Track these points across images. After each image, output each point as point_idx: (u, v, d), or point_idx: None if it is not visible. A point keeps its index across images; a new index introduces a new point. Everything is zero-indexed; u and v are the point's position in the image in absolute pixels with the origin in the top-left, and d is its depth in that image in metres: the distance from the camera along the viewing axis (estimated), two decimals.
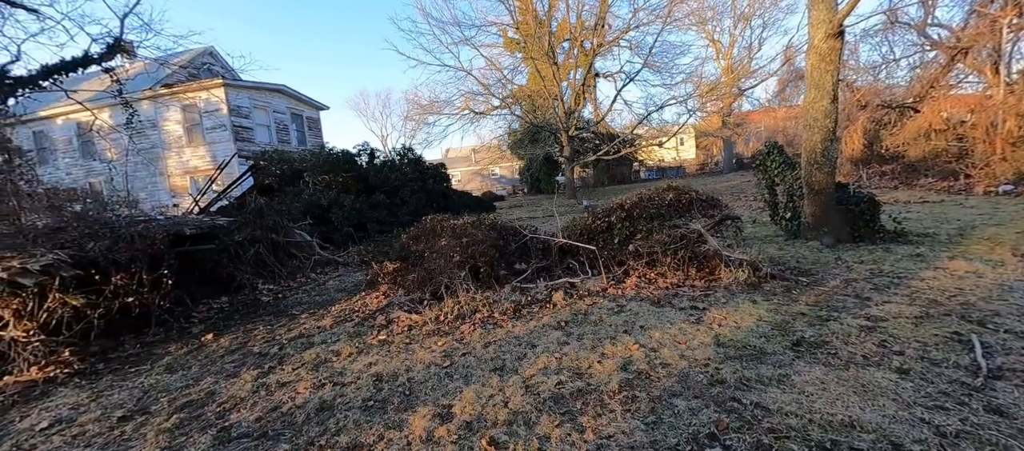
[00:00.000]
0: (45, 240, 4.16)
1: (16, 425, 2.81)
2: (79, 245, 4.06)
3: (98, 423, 2.71)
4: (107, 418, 2.75)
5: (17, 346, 3.51)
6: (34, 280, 3.34)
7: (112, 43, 7.69)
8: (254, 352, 3.74)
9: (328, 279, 6.56)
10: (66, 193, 8.14)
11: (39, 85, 6.64)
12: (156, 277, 4.22)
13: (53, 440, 2.55)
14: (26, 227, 4.26)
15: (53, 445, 2.50)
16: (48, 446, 2.49)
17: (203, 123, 15.29)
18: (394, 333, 3.78)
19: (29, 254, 3.47)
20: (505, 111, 27.29)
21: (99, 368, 3.68)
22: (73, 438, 2.56)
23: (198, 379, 3.25)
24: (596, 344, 3.13)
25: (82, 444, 2.47)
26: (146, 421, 2.67)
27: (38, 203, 4.96)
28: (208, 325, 4.63)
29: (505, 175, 48.69)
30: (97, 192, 14.74)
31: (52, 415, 2.88)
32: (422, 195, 11.72)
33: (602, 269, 4.75)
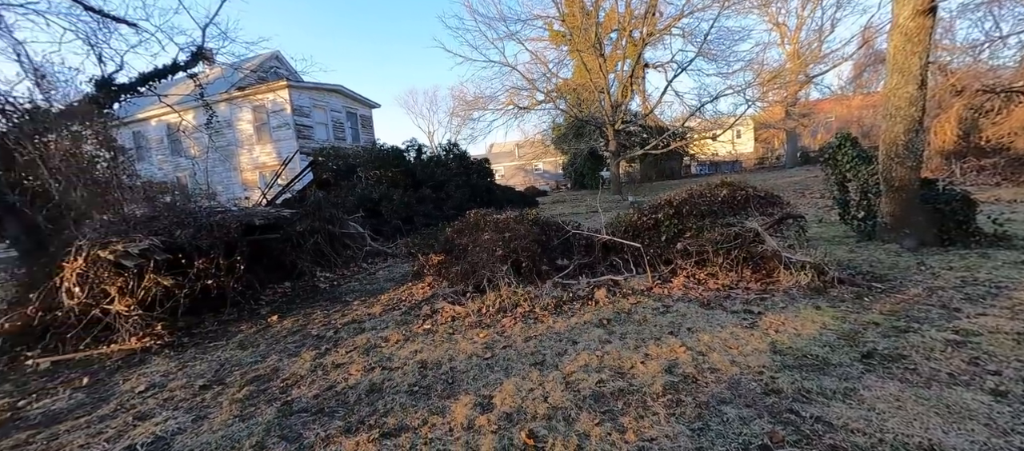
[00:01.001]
0: (142, 227, 4.74)
1: (120, 387, 3.25)
2: (169, 232, 4.59)
3: (184, 390, 3.06)
4: (191, 386, 3.11)
5: (120, 318, 4.05)
6: (134, 262, 3.84)
7: (195, 51, 8.55)
8: (312, 334, 4.04)
9: (378, 269, 6.91)
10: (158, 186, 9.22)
11: (137, 91, 7.59)
12: (231, 262, 4.68)
13: (148, 402, 2.93)
14: (127, 216, 4.87)
15: (148, 406, 2.86)
16: (144, 407, 2.85)
17: (270, 122, 16.64)
18: (438, 323, 3.91)
19: (130, 239, 3.98)
20: (549, 105, 27.06)
21: (184, 342, 4.15)
22: (164, 401, 2.91)
23: (265, 356, 3.57)
24: (639, 344, 3.05)
25: (171, 407, 2.81)
26: (222, 391, 2.98)
27: (136, 195, 5.69)
28: (273, 308, 5.06)
29: (548, 170, 48.42)
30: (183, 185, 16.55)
31: (147, 380, 3.30)
32: (466, 190, 11.97)
33: (647, 267, 4.60)
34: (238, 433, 2.38)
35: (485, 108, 25.95)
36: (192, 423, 2.57)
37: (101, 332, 4.10)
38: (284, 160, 14.38)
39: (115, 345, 4.10)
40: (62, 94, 6.41)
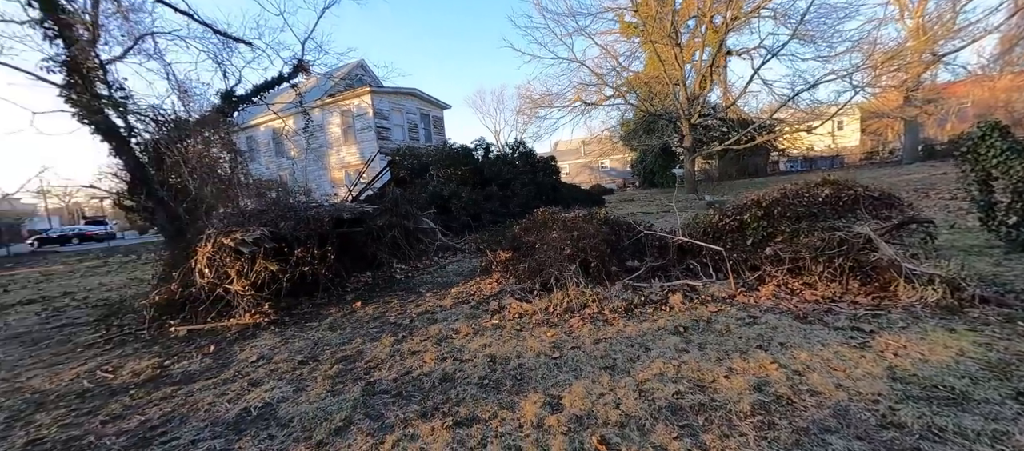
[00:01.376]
0: (254, 219, 5.46)
1: (237, 356, 3.78)
2: (275, 224, 5.23)
3: (286, 363, 3.47)
4: (291, 360, 3.51)
5: (237, 297, 4.71)
6: (249, 249, 4.44)
7: (296, 64, 9.63)
8: (391, 322, 4.34)
9: (448, 263, 7.22)
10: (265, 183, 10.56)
11: (251, 101, 8.80)
12: (323, 252, 5.20)
13: (259, 371, 3.36)
14: (243, 209, 5.63)
15: (259, 375, 3.29)
16: (256, 375, 3.28)
17: (355, 125, 18.26)
18: (506, 319, 3.97)
19: (246, 229, 4.61)
20: (618, 100, 26.11)
21: (286, 320, 4.71)
22: (270, 371, 3.33)
23: (351, 339, 3.91)
24: (722, 356, 2.81)
25: (276, 377, 3.20)
26: (316, 367, 3.32)
27: (250, 191, 6.60)
28: (357, 295, 5.54)
29: (615, 167, 46.83)
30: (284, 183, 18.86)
31: (257, 352, 3.79)
32: (532, 187, 12.02)
33: (730, 273, 4.23)
34: (330, 406, 2.64)
35: (551, 105, 25.80)
36: (293, 393, 2.90)
37: (223, 308, 4.81)
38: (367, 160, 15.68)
39: (233, 319, 4.78)
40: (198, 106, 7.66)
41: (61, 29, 5.42)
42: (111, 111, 5.75)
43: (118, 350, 4.23)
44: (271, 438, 2.35)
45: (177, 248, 5.67)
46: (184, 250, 5.59)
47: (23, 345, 4.79)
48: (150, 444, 2.42)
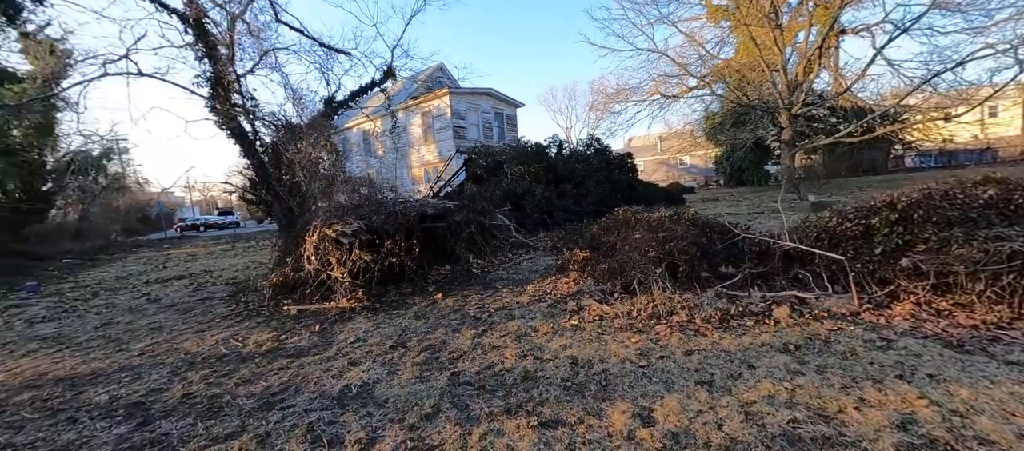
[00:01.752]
0: (350, 213, 6.00)
1: (337, 337, 4.17)
2: (368, 218, 5.69)
3: (378, 346, 3.74)
4: (383, 344, 3.78)
5: (337, 283, 5.21)
6: (348, 239, 4.88)
7: (386, 70, 10.41)
8: (470, 315, 4.47)
9: (522, 260, 7.27)
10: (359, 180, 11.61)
11: (348, 105, 9.74)
12: (409, 245, 5.54)
13: (356, 351, 3.67)
14: (341, 204, 6.21)
15: (356, 355, 3.59)
16: (354, 355, 3.59)
17: (434, 125, 19.30)
18: (586, 320, 3.86)
19: (345, 222, 5.07)
20: (703, 92, 24.17)
21: (376, 307, 5.10)
22: (366, 353, 3.61)
23: (434, 328, 4.10)
24: (849, 384, 2.40)
25: (371, 359, 3.46)
26: (405, 353, 3.53)
27: (346, 188, 7.28)
28: (437, 287, 5.81)
29: (696, 164, 43.54)
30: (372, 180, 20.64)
31: (354, 334, 4.15)
32: (607, 185, 11.62)
33: (851, 286, 3.63)
34: (419, 392, 2.78)
35: (627, 100, 24.70)
36: (386, 375, 3.11)
37: (325, 292, 5.36)
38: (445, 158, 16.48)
39: (333, 303, 5.31)
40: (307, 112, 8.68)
41: (208, 49, 6.49)
42: (242, 118, 6.78)
43: (245, 323, 4.93)
44: (369, 416, 2.54)
45: (288, 237, 6.44)
46: (294, 239, 6.35)
47: (177, 313, 5.82)
48: (273, 408, 2.75)
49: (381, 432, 2.34)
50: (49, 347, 4.63)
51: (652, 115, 25.93)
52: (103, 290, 8.44)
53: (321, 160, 8.58)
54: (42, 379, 3.64)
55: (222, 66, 6.79)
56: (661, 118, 37.13)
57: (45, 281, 10.33)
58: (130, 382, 3.40)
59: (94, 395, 3.19)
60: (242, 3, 6.70)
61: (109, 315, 6.03)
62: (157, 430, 2.59)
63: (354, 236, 4.92)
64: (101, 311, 6.35)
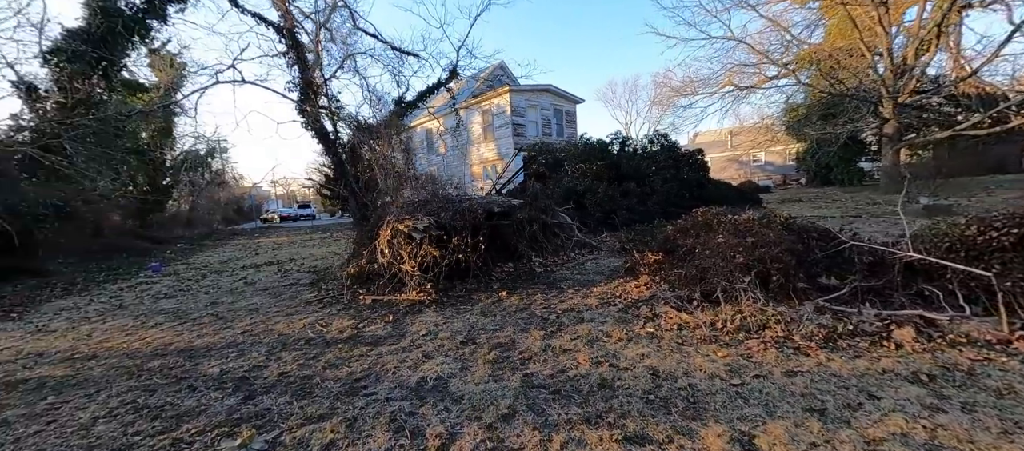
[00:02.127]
0: (419, 209, 6.22)
1: (410, 328, 4.33)
2: (436, 214, 5.85)
3: (449, 341, 3.81)
4: (454, 339, 3.85)
5: (407, 276, 5.43)
6: (420, 235, 5.05)
7: (451, 69, 10.67)
8: (537, 315, 4.41)
9: (585, 260, 7.08)
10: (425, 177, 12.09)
11: (416, 105, 10.15)
12: (475, 242, 5.61)
13: (429, 344, 3.77)
14: (411, 199, 6.46)
15: (427, 348, 3.68)
16: (427, 348, 3.68)
17: (494, 123, 19.57)
18: (662, 329, 3.62)
19: (417, 217, 5.26)
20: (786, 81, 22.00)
21: (444, 301, 5.23)
22: (437, 347, 3.69)
23: (502, 326, 4.10)
24: (1010, 429, 1.98)
25: (443, 353, 3.53)
26: (475, 350, 3.56)
27: (417, 184, 7.59)
28: (502, 284, 5.83)
29: (772, 161, 39.76)
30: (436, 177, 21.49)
31: (425, 327, 4.27)
32: (674, 184, 10.95)
33: (1000, 308, 3.02)
34: (494, 391, 2.76)
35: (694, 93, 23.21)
36: (459, 371, 3.15)
37: (396, 284, 5.60)
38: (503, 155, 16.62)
39: (404, 295, 5.54)
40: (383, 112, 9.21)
41: (298, 56, 7.11)
42: (326, 119, 7.38)
43: (327, 309, 5.31)
44: (446, 411, 2.57)
45: (363, 230, 6.84)
46: (368, 233, 6.73)
47: (269, 296, 6.43)
48: (357, 393, 2.90)
49: (459, 429, 2.35)
50: (171, 321, 5.33)
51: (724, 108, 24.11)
52: (209, 273, 9.61)
53: (395, 158, 9.06)
54: (167, 349, 4.19)
55: (310, 71, 7.39)
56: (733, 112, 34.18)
57: (165, 262, 12.03)
58: (236, 358, 3.79)
59: (208, 367, 3.60)
60: (326, 12, 7.27)
61: (215, 295, 6.83)
62: (260, 404, 2.84)
63: (425, 232, 5.08)
64: (209, 291, 7.21)
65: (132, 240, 15.49)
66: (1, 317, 6.27)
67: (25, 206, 9.97)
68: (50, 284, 8.85)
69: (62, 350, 4.43)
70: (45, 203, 10.46)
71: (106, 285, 8.72)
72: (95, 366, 3.84)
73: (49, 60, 11.89)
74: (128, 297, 7.22)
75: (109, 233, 14.96)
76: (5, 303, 7.19)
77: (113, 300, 7.02)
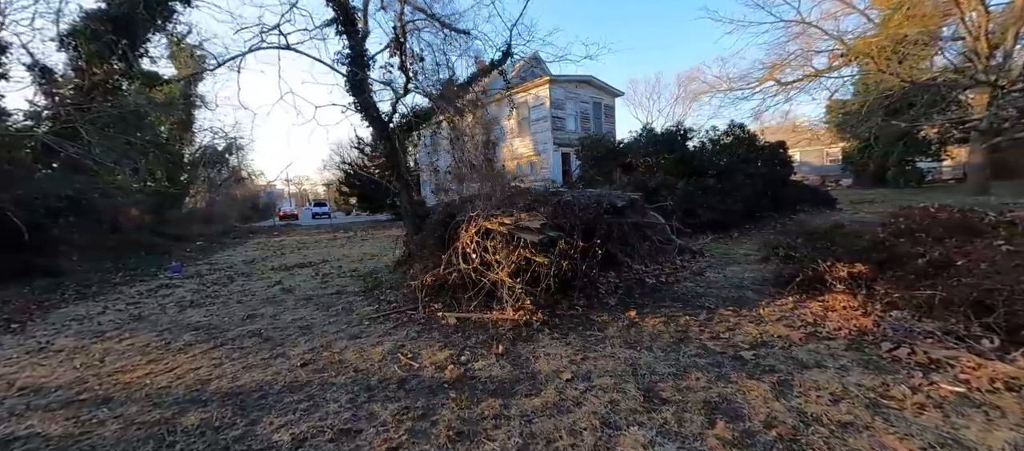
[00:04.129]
0: (503, 206, 5.01)
1: (534, 364, 3.10)
2: (532, 208, 4.63)
3: (615, 390, 2.58)
4: (622, 389, 2.60)
5: (504, 289, 4.21)
6: (537, 236, 3.82)
7: (504, 50, 9.47)
8: (713, 350, 3.15)
9: (701, 268, 5.80)
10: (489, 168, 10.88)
11: (467, 89, 9.00)
12: (587, 246, 4.38)
13: (591, 399, 2.53)
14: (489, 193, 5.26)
15: (597, 405, 2.45)
16: (593, 404, 2.45)
17: (530, 116, 18.34)
18: (972, 388, 2.34)
19: (517, 214, 4.03)
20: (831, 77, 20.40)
21: (555, 323, 4.00)
22: (609, 403, 2.45)
23: (683, 369, 2.84)
24: None
25: (623, 414, 2.30)
26: (682, 413, 2.31)
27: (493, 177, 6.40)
28: (618, 300, 4.58)
29: (808, 161, 37.80)
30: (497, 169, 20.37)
31: (556, 363, 3.03)
32: (757, 180, 9.60)
33: None
34: None
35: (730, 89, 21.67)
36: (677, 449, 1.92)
37: (483, 298, 4.39)
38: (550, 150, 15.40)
39: (496, 312, 4.32)
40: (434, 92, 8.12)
41: (347, 22, 5.99)
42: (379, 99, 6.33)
43: (402, 330, 4.11)
44: None
45: (431, 231, 5.66)
46: (435, 233, 5.54)
47: (318, 309, 5.27)
48: None
49: None
50: (203, 341, 4.19)
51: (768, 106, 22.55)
52: (236, 275, 8.53)
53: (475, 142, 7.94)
54: (206, 390, 3.03)
55: (361, 40, 6.27)
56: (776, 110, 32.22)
57: (185, 261, 11.03)
58: (307, 412, 2.60)
59: (271, 429, 2.42)
60: None
61: (251, 304, 5.70)
62: None
63: (540, 232, 3.85)
64: (242, 299, 6.09)
65: (149, 237, 14.59)
66: (2, 327, 5.22)
67: (38, 198, 9.02)
68: (62, 285, 7.84)
69: (65, 384, 3.30)
70: (60, 195, 9.52)
71: (123, 287, 7.69)
72: (107, 418, 2.69)
73: (66, 43, 10.99)
74: (148, 304, 6.14)
75: (127, 229, 14.07)
76: (8, 309, 6.16)
77: (131, 308, 5.94)
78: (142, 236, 14.17)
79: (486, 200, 4.67)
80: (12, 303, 6.53)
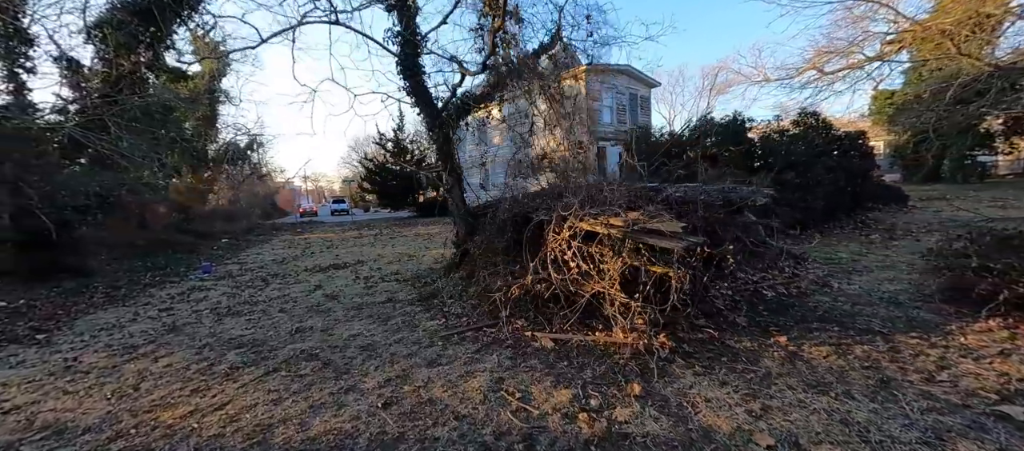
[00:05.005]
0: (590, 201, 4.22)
1: (694, 414, 2.32)
2: (636, 204, 3.84)
3: None
4: None
5: (616, 307, 3.43)
6: (681, 242, 3.02)
7: (553, 32, 8.63)
8: (952, 402, 2.31)
9: (822, 278, 4.92)
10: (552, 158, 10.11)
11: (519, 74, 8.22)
12: (708, 255, 3.56)
13: None
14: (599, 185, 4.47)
15: None
16: None
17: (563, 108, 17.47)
18: None
19: (661, 217, 3.24)
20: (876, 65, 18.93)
21: (684, 348, 3.21)
22: None
23: (937, 433, 2.02)
24: None
25: None
26: None
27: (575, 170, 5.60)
28: (749, 320, 3.75)
29: None
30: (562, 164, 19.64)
31: (728, 419, 2.25)
32: (839, 174, 8.58)
33: None
34: None
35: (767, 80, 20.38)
36: None
37: (579, 315, 3.63)
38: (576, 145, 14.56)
39: (599, 333, 3.56)
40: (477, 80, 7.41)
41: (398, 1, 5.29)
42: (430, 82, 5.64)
43: (489, 355, 3.37)
44: None
45: (474, 228, 4.92)
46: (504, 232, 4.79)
47: (374, 321, 4.57)
48: None
49: None
50: (251, 363, 3.52)
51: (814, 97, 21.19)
52: (270, 276, 7.95)
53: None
54: (270, 442, 2.33)
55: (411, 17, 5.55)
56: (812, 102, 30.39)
57: (213, 260, 10.56)
58: None
59: None
60: None
61: (295, 314, 5.05)
62: None
63: (680, 237, 3.04)
64: (284, 306, 5.45)
65: (175, 234, 14.26)
66: (25, 338, 4.67)
67: (66, 195, 8.61)
68: (91, 287, 7.37)
69: (94, 424, 2.66)
70: (88, 192, 9.10)
71: (152, 289, 7.18)
72: None
73: (93, 35, 10.59)
74: (181, 311, 5.56)
75: (154, 227, 13.75)
76: (34, 314, 5.66)
77: (164, 315, 5.36)
78: (169, 234, 13.82)
79: (579, 195, 3.88)
80: (39, 307, 6.05)
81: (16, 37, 9.34)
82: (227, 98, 20.52)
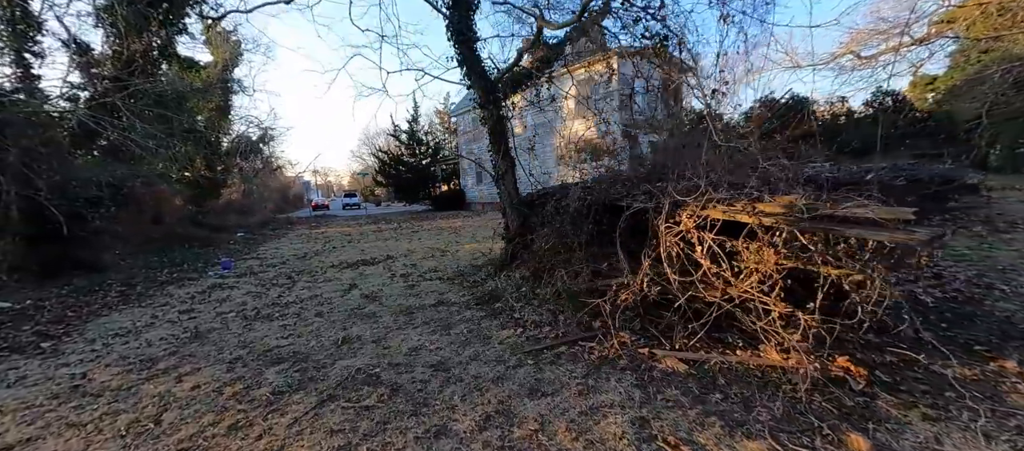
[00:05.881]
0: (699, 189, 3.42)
1: None
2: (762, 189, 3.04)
3: None
4: None
5: (767, 317, 2.65)
6: (931, 247, 2.22)
7: None
8: None
9: (971, 277, 4.07)
10: None
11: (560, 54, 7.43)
12: None
13: None
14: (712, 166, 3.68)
15: None
16: None
17: (593, 94, 16.56)
18: None
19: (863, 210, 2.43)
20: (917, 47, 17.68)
21: (879, 377, 2.41)
22: None
23: None
24: None
25: None
26: None
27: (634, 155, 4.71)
28: (932, 333, 2.93)
29: None
30: None
31: None
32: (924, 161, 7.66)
33: None
34: None
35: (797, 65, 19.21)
36: None
37: (704, 327, 2.85)
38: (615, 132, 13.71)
39: (741, 352, 2.77)
40: None
41: None
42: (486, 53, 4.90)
43: (608, 382, 2.60)
44: None
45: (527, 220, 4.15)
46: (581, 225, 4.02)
47: (431, 329, 3.84)
48: None
49: None
50: (296, 388, 2.80)
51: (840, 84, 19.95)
52: (295, 273, 7.29)
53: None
54: None
55: None
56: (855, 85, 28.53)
57: (232, 254, 9.96)
58: None
59: None
60: None
61: (335, 320, 4.34)
62: None
63: (907, 228, 2.24)
64: (321, 311, 4.75)
65: (190, 228, 13.71)
66: (30, 346, 4.02)
67: (77, 185, 8.01)
68: (104, 285, 6.76)
69: None
70: (100, 183, 8.50)
71: (170, 288, 6.54)
72: None
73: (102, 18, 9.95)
74: (204, 313, 4.89)
75: (169, 220, 13.19)
76: (42, 317, 5.03)
77: (184, 318, 4.69)
78: (184, 228, 13.27)
79: (701, 176, 3.09)
80: (48, 307, 5.43)
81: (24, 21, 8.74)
82: (240, 87, 19.91)
